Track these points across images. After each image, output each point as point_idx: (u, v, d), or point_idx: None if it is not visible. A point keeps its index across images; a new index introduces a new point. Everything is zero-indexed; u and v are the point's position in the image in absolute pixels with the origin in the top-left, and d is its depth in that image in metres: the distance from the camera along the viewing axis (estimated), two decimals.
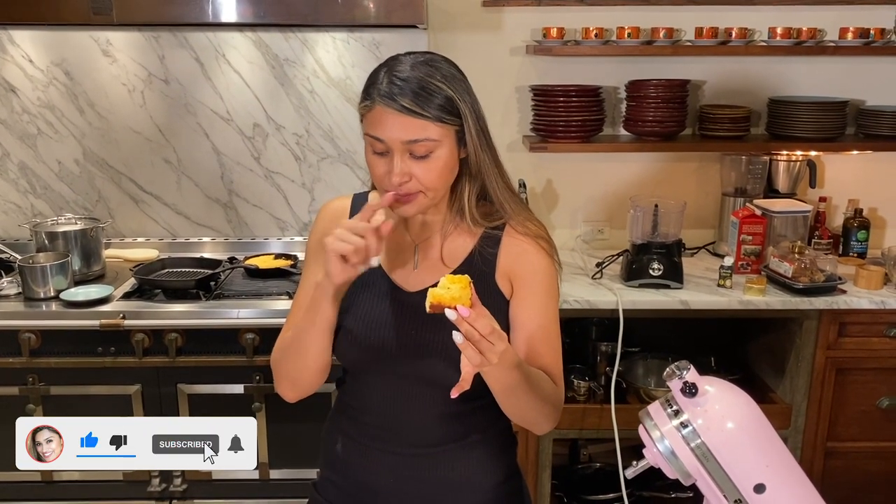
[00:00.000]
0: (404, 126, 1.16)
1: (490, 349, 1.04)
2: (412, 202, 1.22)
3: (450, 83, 1.20)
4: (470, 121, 1.21)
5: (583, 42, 2.58)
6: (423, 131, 1.17)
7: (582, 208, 2.85)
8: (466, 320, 1.02)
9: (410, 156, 1.18)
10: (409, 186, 1.20)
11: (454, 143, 1.22)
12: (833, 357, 2.36)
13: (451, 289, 1.03)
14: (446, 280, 1.04)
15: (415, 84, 1.17)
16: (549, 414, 1.26)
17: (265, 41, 2.64)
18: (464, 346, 1.04)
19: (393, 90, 1.16)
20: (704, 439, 0.94)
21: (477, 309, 1.03)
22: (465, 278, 1.04)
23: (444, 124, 1.19)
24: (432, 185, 1.21)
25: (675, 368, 0.98)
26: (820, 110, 2.61)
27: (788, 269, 2.34)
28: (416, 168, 1.19)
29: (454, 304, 1.02)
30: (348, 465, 1.37)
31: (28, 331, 2.19)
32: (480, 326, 1.03)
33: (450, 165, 1.23)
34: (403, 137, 1.17)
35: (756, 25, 2.66)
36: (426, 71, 1.19)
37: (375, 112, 1.18)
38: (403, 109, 1.16)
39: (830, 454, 2.43)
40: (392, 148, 1.18)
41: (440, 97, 1.18)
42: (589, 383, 2.45)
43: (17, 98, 2.65)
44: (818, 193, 2.77)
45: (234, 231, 2.80)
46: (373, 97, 1.19)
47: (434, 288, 1.04)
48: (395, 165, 1.18)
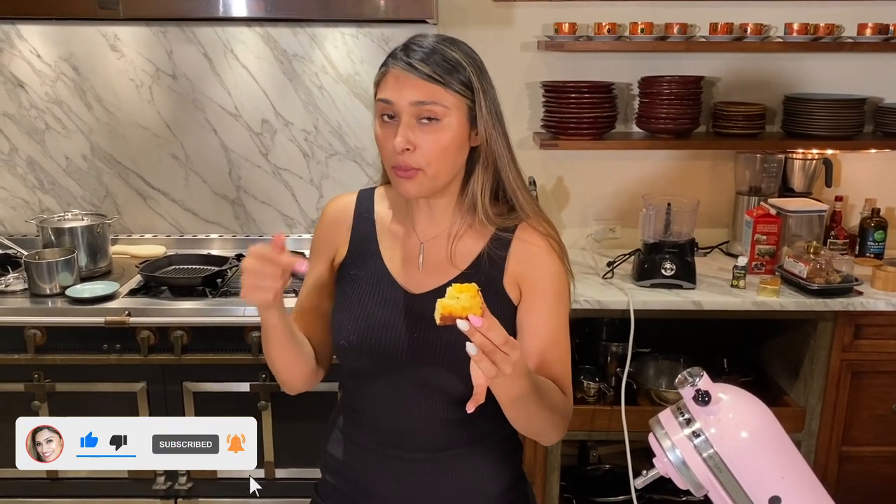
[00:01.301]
0: (415, 86, 1.15)
1: (504, 359, 1.00)
2: (412, 178, 1.19)
3: (469, 60, 1.20)
4: (483, 99, 1.20)
5: (595, 38, 2.54)
6: (433, 95, 1.16)
7: (593, 206, 2.81)
8: (479, 330, 0.98)
9: (418, 122, 1.16)
10: (411, 159, 1.17)
11: (465, 118, 1.19)
12: (848, 360, 2.31)
13: (460, 298, 0.99)
14: (454, 290, 1.00)
15: (435, 54, 1.17)
16: (557, 424, 1.22)
17: (273, 36, 2.61)
18: (478, 358, 1.00)
19: (409, 54, 1.17)
20: (717, 449, 0.90)
21: (488, 318, 0.99)
22: (472, 287, 1.00)
23: (456, 94, 1.17)
24: (435, 159, 1.18)
25: (688, 375, 0.94)
26: (837, 108, 2.56)
27: (803, 270, 2.30)
28: (422, 137, 1.16)
29: (465, 314, 0.98)
30: (349, 469, 1.35)
31: (33, 327, 2.18)
32: (494, 336, 0.99)
33: (457, 143, 1.19)
34: (413, 98, 1.15)
35: (772, 21, 2.61)
36: (447, 45, 1.20)
37: (389, 75, 1.18)
38: (416, 71, 1.16)
39: (845, 458, 2.39)
40: (400, 111, 1.16)
41: (458, 69, 1.18)
42: (599, 384, 2.41)
43: (25, 93, 2.64)
44: (834, 192, 2.72)
45: (241, 228, 2.78)
46: (388, 63, 1.19)
47: (442, 299, 1.00)
48: (401, 130, 1.16)
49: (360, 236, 1.33)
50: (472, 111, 1.20)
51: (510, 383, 1.08)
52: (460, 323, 0.98)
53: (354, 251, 1.32)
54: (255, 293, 1.11)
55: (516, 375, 1.05)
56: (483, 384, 1.03)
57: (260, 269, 1.09)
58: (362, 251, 1.32)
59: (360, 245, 1.32)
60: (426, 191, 1.22)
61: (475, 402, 1.04)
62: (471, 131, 1.21)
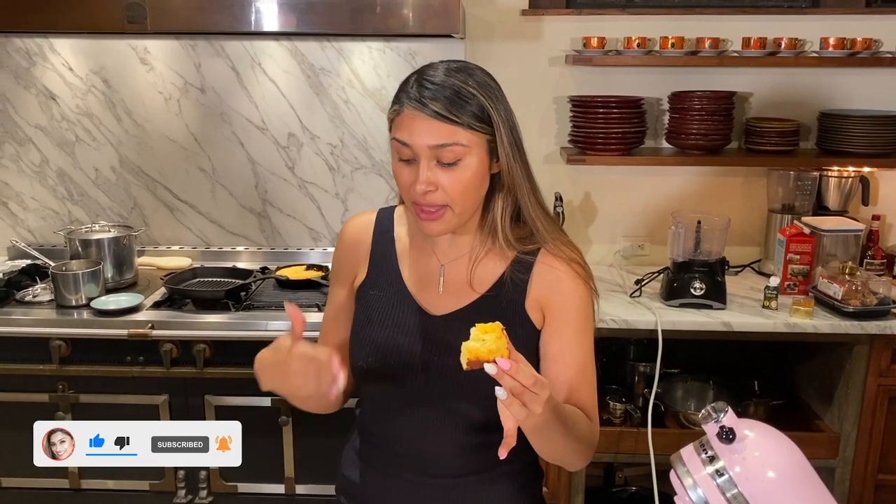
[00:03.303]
0: (432, 130, 1.12)
1: (534, 400, 0.97)
2: (438, 218, 1.16)
3: (483, 91, 1.15)
4: (503, 130, 1.16)
5: (624, 52, 2.51)
6: (451, 136, 1.12)
7: (621, 223, 2.77)
8: (508, 373, 0.95)
9: (438, 163, 1.13)
10: (435, 198, 1.14)
11: (485, 153, 1.16)
12: (886, 385, 2.24)
13: (486, 340, 0.96)
14: (478, 331, 0.98)
15: (446, 90, 1.12)
16: (583, 453, 1.18)
17: (301, 50, 2.62)
18: (508, 402, 0.97)
19: (423, 94, 1.12)
20: (742, 490, 0.86)
21: (514, 357, 0.96)
22: (497, 326, 0.98)
23: (474, 132, 1.13)
24: (459, 198, 1.15)
25: (712, 410, 0.90)
26: (874, 124, 2.49)
27: (838, 291, 2.23)
28: (443, 177, 1.13)
29: (492, 357, 0.95)
30: (365, 491, 1.33)
31: (59, 338, 2.19)
32: (523, 378, 0.96)
33: (479, 177, 1.16)
34: (430, 142, 1.12)
35: (807, 35, 2.55)
36: (459, 77, 1.14)
37: (404, 116, 1.14)
38: (433, 114, 1.11)
39: (881, 487, 2.31)
40: (419, 154, 1.13)
41: (472, 104, 1.13)
42: (625, 405, 2.36)
43: (57, 105, 2.67)
44: (871, 211, 2.65)
45: (267, 241, 2.78)
46: (402, 101, 1.15)
47: (468, 342, 0.97)
48: (421, 173, 1.13)
49: (380, 256, 1.31)
50: (492, 143, 1.16)
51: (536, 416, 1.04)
52: (488, 367, 0.96)
53: (374, 271, 1.30)
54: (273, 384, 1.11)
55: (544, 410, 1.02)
56: (513, 427, 1.00)
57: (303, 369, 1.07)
58: (382, 271, 1.30)
59: (380, 265, 1.30)
60: (451, 228, 1.19)
61: (507, 446, 1.01)
62: (491, 161, 1.18)
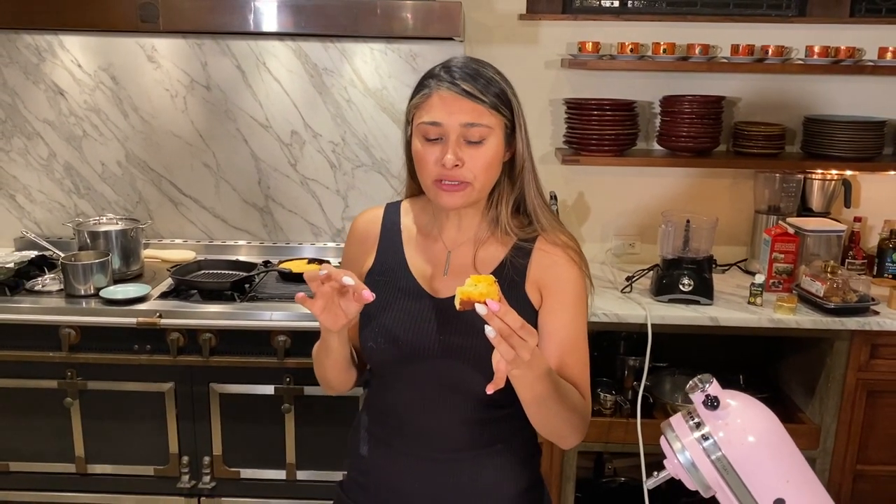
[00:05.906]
0: (463, 109, 1.22)
1: (522, 345, 1.05)
2: (459, 191, 1.25)
3: (502, 79, 1.28)
4: (521, 116, 1.28)
5: (618, 56, 2.60)
6: (479, 116, 1.22)
7: (613, 222, 2.86)
8: (497, 314, 1.04)
9: (465, 142, 1.23)
10: (459, 173, 1.23)
11: (502, 137, 1.27)
12: (864, 379, 2.33)
13: (478, 286, 1.05)
14: (472, 279, 1.07)
15: (473, 72, 1.24)
16: (577, 426, 1.26)
17: (305, 50, 2.69)
18: (496, 341, 1.05)
19: (454, 75, 1.23)
20: (725, 452, 0.95)
21: (504, 304, 1.05)
22: (489, 277, 1.07)
23: (497, 113, 1.24)
24: (481, 174, 1.25)
25: (698, 381, 0.99)
26: (857, 130, 2.59)
27: (820, 289, 2.32)
28: (469, 154, 1.23)
29: (483, 299, 1.04)
30: (374, 467, 1.39)
31: (68, 326, 2.25)
32: (511, 321, 1.04)
33: (498, 157, 1.27)
34: (462, 120, 1.22)
35: (793, 43, 2.65)
36: (481, 64, 1.27)
37: (433, 98, 1.23)
38: (464, 93, 1.22)
39: (859, 477, 2.40)
40: (448, 132, 1.22)
41: (495, 86, 1.25)
42: (616, 397, 2.45)
43: (65, 101, 2.74)
44: (853, 213, 2.75)
45: (269, 235, 2.85)
46: (430, 86, 1.25)
47: (461, 286, 1.06)
48: (451, 148, 1.22)
49: (387, 247, 1.39)
50: (507, 129, 1.27)
51: (531, 380, 1.13)
52: (478, 307, 1.04)
53: (381, 260, 1.38)
54: (327, 316, 1.20)
55: (534, 371, 1.11)
56: (503, 369, 1.08)
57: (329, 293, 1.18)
58: (389, 260, 1.38)
59: (387, 255, 1.38)
60: (469, 202, 1.28)
61: (495, 385, 1.09)
62: (505, 148, 1.28)
